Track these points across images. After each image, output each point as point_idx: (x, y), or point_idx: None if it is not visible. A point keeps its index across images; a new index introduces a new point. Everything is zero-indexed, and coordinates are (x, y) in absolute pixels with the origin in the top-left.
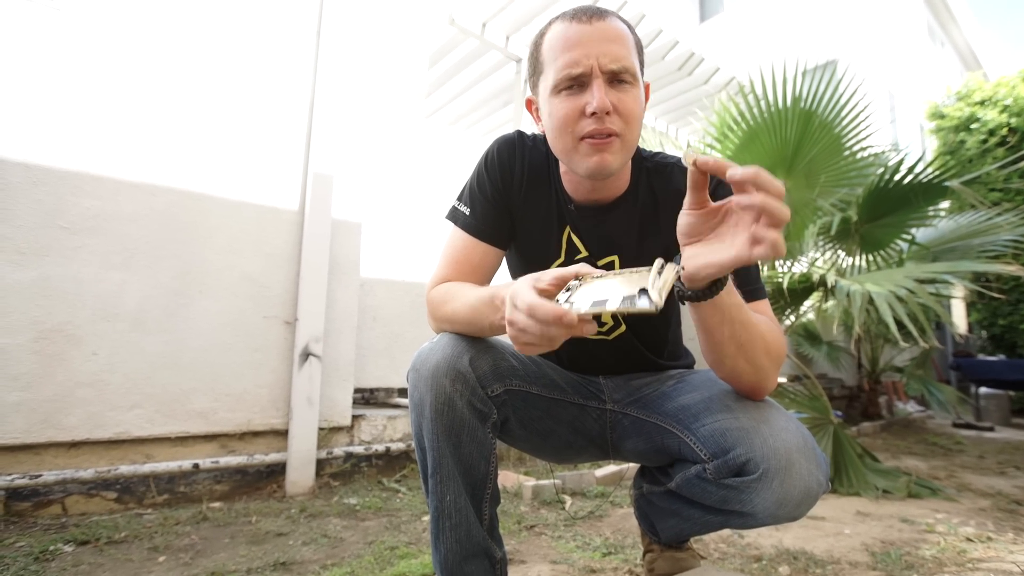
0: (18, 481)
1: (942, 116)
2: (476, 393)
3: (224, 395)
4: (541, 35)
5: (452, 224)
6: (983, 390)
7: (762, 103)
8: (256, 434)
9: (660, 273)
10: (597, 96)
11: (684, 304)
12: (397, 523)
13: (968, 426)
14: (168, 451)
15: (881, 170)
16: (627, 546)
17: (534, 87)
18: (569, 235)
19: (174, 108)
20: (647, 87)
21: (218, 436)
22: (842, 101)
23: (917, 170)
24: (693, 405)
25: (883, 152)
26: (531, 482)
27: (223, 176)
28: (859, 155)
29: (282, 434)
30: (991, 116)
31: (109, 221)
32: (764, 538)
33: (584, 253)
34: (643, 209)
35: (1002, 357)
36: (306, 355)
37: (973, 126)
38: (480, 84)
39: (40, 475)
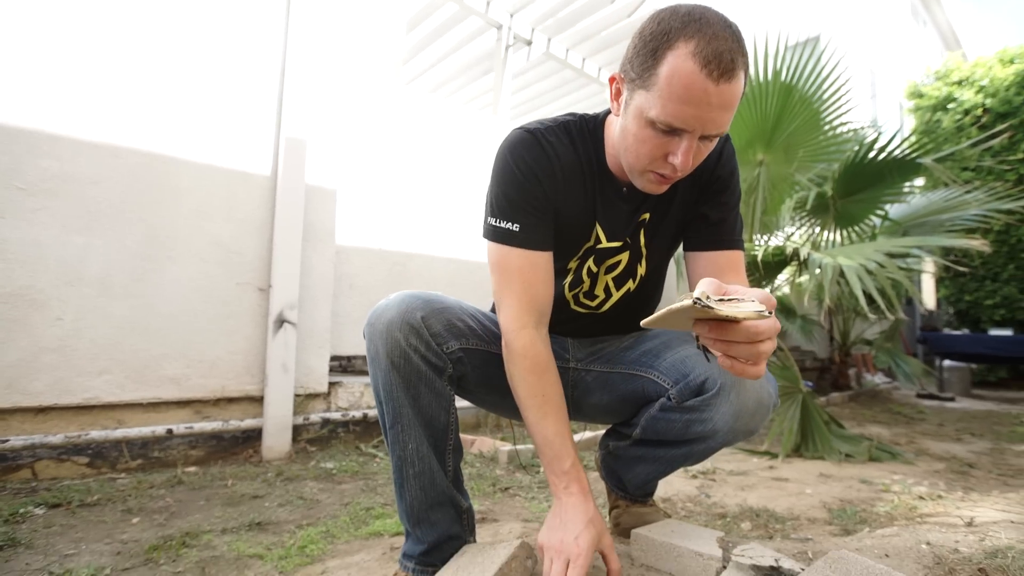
0: None
1: (920, 95)
2: (430, 347)
3: (197, 361)
4: (667, 43)
5: (501, 244)
6: (947, 363)
7: None
8: (231, 400)
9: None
10: (683, 158)
11: None
12: (373, 486)
13: (931, 396)
14: (141, 417)
15: (857, 147)
16: (597, 506)
17: (631, 80)
18: (596, 225)
19: (137, 66)
20: None
21: (192, 402)
22: (823, 76)
23: (892, 147)
24: (654, 348)
25: (861, 128)
26: (506, 447)
27: (190, 138)
28: (838, 130)
29: (258, 400)
30: (967, 96)
31: (69, 183)
32: (729, 498)
33: (604, 242)
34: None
35: (966, 332)
36: (281, 322)
37: (950, 106)
38: (460, 51)
39: (7, 440)
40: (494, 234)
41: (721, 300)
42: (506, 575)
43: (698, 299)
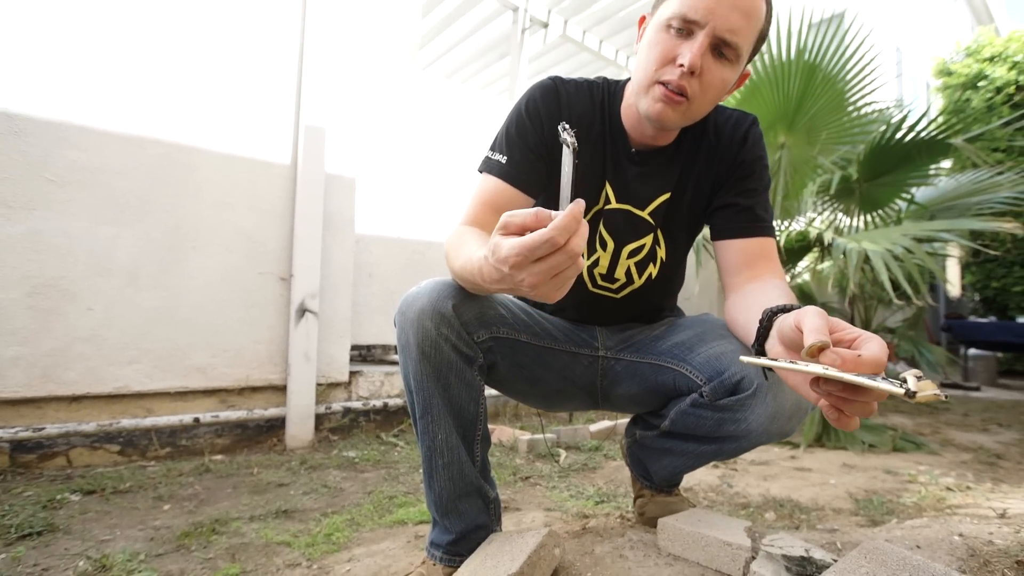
0: (21, 434)
1: (949, 73)
2: (461, 337)
3: (222, 351)
4: None
5: (485, 174)
6: (972, 351)
7: (765, 56)
8: (255, 389)
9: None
10: (691, 54)
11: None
12: (395, 474)
13: (955, 386)
14: (168, 405)
15: (884, 127)
16: (619, 495)
17: (653, 8)
18: (607, 185)
19: (159, 58)
20: (745, 75)
21: (217, 391)
22: (847, 55)
23: (921, 126)
24: (687, 340)
25: (887, 108)
26: (526, 436)
27: (212, 128)
28: (863, 111)
29: (280, 389)
30: (999, 73)
31: (97, 174)
32: (752, 488)
33: (613, 203)
34: (684, 161)
35: (993, 319)
36: (302, 311)
37: (980, 84)
38: (476, 34)
39: (43, 428)
40: (484, 164)
41: (919, 379)
42: (535, 563)
43: (906, 385)
